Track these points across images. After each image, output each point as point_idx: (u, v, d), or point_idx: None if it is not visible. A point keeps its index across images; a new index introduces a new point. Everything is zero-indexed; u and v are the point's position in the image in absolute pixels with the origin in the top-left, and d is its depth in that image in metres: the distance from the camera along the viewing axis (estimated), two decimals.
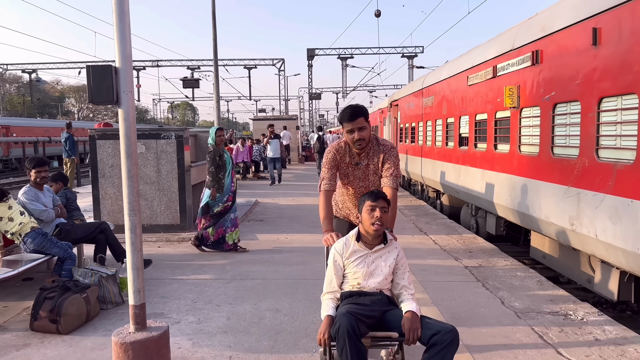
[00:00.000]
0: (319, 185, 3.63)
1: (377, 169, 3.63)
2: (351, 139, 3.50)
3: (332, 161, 3.63)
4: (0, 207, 4.64)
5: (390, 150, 3.61)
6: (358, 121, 3.44)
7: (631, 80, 4.59)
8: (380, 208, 2.96)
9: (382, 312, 2.91)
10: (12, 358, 3.66)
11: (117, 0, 3.10)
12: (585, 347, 3.84)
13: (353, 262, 3.04)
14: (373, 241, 3.06)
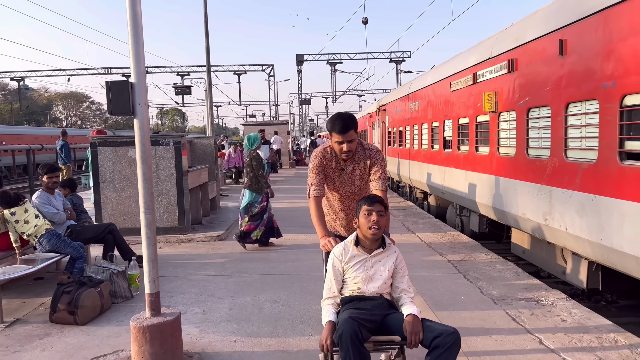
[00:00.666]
0: (307, 191, 3.62)
1: (363, 173, 3.65)
2: (339, 149, 3.52)
3: (318, 166, 3.62)
4: (17, 210, 5.02)
5: (376, 154, 3.66)
6: (349, 134, 3.45)
7: (593, 87, 5.08)
8: (377, 212, 2.99)
9: (382, 316, 2.93)
10: (37, 346, 4.04)
11: (132, 25, 3.51)
12: (552, 327, 4.30)
13: (352, 267, 3.05)
14: (371, 245, 3.07)
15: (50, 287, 5.62)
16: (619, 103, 4.66)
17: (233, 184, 18.46)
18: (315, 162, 3.63)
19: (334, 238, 3.27)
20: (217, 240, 8.22)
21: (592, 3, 5.10)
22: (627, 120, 4.64)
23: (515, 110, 6.88)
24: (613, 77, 4.75)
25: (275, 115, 44.64)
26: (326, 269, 3.19)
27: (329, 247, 3.21)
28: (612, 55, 4.76)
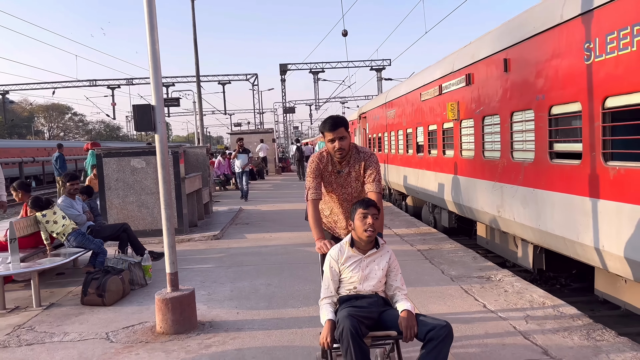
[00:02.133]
0: (305, 195, 3.76)
1: (358, 175, 3.79)
2: (332, 147, 3.66)
3: (315, 170, 3.75)
4: (48, 212, 5.89)
5: (370, 157, 3.80)
6: (339, 131, 3.61)
7: (529, 99, 6.12)
8: (371, 215, 3.13)
9: (379, 312, 3.09)
10: (75, 321, 4.92)
11: (152, 60, 4.44)
12: (495, 295, 5.30)
13: (348, 267, 3.19)
14: (366, 246, 3.21)
15: (72, 280, 6.51)
16: (548, 112, 5.70)
17: (222, 191, 19.29)
18: (312, 167, 3.79)
19: (329, 241, 3.41)
20: (214, 239, 9.11)
21: (526, 29, 6.15)
22: (554, 126, 5.68)
23: (473, 118, 7.92)
24: (543, 91, 5.79)
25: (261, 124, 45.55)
26: (322, 270, 3.35)
27: (324, 250, 3.34)
28: (542, 73, 5.80)
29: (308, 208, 3.68)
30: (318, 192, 3.71)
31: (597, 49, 4.76)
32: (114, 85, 45.12)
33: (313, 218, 3.61)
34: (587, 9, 4.88)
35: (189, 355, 4.00)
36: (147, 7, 4.42)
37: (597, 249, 4.92)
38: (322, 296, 3.23)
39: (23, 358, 4.07)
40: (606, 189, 4.72)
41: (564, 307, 4.90)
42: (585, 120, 4.99)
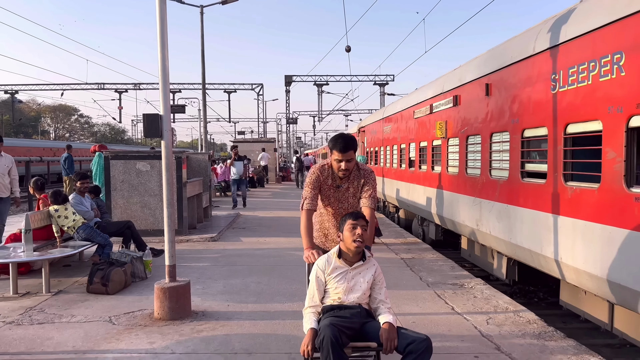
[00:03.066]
0: (301, 204, 3.80)
1: (356, 191, 3.86)
2: (337, 167, 3.72)
3: (315, 182, 3.80)
4: (60, 208, 6.43)
5: (369, 174, 3.89)
6: (348, 154, 3.69)
7: (506, 122, 6.66)
8: (361, 226, 3.22)
9: (361, 324, 3.14)
10: (81, 306, 5.43)
11: (162, 75, 5.00)
12: (465, 300, 5.79)
13: (334, 278, 3.24)
14: (353, 258, 3.27)
15: (77, 271, 7.03)
16: (521, 134, 6.23)
17: (222, 197, 19.81)
18: (312, 178, 3.83)
19: (317, 251, 3.47)
20: (211, 241, 9.62)
21: (505, 58, 6.71)
22: (526, 148, 6.21)
23: (459, 137, 8.46)
24: (517, 115, 6.33)
25: (264, 133, 46.19)
26: (309, 279, 3.40)
27: (311, 259, 3.41)
28: (517, 99, 6.35)
29: (301, 217, 3.71)
30: (314, 203, 3.76)
31: (561, 80, 5.30)
32: (121, 89, 45.81)
33: (305, 227, 3.65)
34: (554, 43, 5.44)
35: (182, 338, 4.50)
36: (160, 26, 4.99)
37: (556, 261, 5.42)
38: (307, 305, 3.28)
39: (35, 334, 4.58)
40: (565, 207, 5.24)
41: (524, 312, 5.39)
42: (550, 143, 5.52)
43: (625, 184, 4.30)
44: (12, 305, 5.45)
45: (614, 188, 4.44)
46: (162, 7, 4.94)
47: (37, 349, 4.25)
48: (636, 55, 4.17)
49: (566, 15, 5.37)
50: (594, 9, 4.86)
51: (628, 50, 4.27)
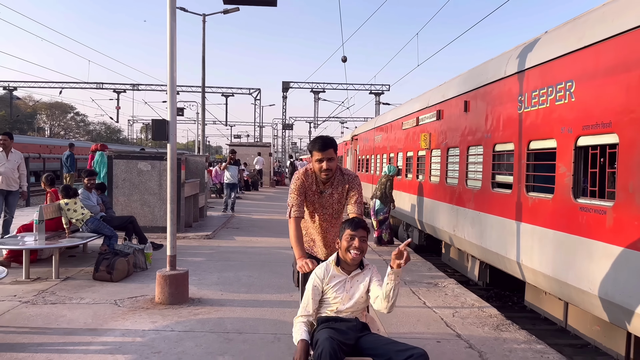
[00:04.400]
0: (288, 212, 3.70)
1: (341, 197, 3.79)
2: (319, 167, 3.65)
3: (300, 188, 3.72)
4: (70, 202, 7.01)
5: (354, 179, 3.81)
6: (328, 152, 3.60)
7: (480, 137, 7.30)
8: (359, 237, 3.11)
9: (356, 338, 3.05)
10: (88, 291, 6.00)
11: (170, 85, 5.60)
12: (436, 296, 6.40)
13: (333, 287, 3.16)
14: (351, 267, 3.19)
15: (82, 262, 7.58)
16: (492, 149, 6.87)
17: (217, 198, 20.35)
18: (297, 184, 3.73)
19: (311, 260, 3.37)
20: (206, 239, 10.20)
21: (482, 78, 7.36)
22: (496, 161, 6.85)
23: (440, 148, 9.10)
24: (490, 131, 6.98)
25: (260, 137, 46.76)
26: (302, 288, 3.33)
27: (306, 269, 3.31)
28: (489, 116, 6.99)
29: (290, 225, 3.63)
30: (301, 210, 3.69)
31: (526, 102, 5.95)
32: (120, 89, 46.22)
33: (295, 236, 3.57)
34: (520, 69, 6.09)
35: (181, 319, 5.08)
36: (170, 43, 5.59)
37: (518, 263, 6.05)
38: (299, 314, 3.18)
39: (50, 312, 5.15)
40: (526, 214, 5.87)
41: (487, 308, 6.00)
42: (516, 157, 6.16)
43: (573, 195, 4.93)
44: (26, 288, 6.00)
45: (564, 198, 5.08)
46: (172, 26, 5.55)
47: (53, 324, 4.82)
48: (584, 84, 4.82)
49: (532, 44, 6.03)
50: (553, 41, 5.51)
51: (578, 79, 4.93)
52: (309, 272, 3.27)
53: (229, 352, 4.29)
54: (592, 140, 4.73)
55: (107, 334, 4.60)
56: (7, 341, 4.34)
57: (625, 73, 4.25)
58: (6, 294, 5.72)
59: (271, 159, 31.80)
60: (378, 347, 2.98)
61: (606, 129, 4.47)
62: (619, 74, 4.32)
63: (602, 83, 4.56)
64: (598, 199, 4.66)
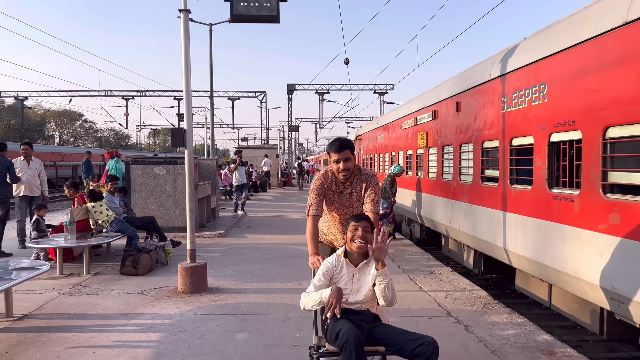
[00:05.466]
0: (307, 210, 3.87)
1: (360, 196, 3.89)
2: (337, 168, 3.76)
3: (319, 188, 3.84)
4: (96, 204, 7.70)
5: (371, 178, 3.91)
6: (344, 152, 3.73)
7: (471, 135, 7.90)
8: (362, 227, 3.26)
9: (369, 329, 3.19)
10: (116, 284, 6.67)
11: (186, 98, 6.26)
12: (431, 282, 7.02)
13: (342, 277, 3.32)
14: (357, 259, 3.32)
15: (107, 259, 8.28)
16: (481, 146, 7.47)
17: (227, 200, 21.05)
18: (317, 184, 3.87)
19: (323, 256, 3.54)
20: (219, 237, 10.87)
21: (471, 80, 7.96)
22: (485, 157, 7.45)
23: (437, 146, 9.70)
24: (479, 129, 7.57)
25: (267, 139, 47.47)
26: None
27: (317, 265, 3.47)
28: (478, 116, 7.59)
29: (307, 223, 3.78)
30: (319, 209, 3.82)
31: (508, 102, 6.55)
32: (128, 96, 47.04)
33: (311, 234, 3.71)
34: (503, 72, 6.69)
35: (202, 305, 5.74)
36: (184, 55, 6.25)
37: (505, 249, 6.65)
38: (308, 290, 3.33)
39: (86, 301, 5.83)
40: (511, 205, 6.47)
41: (478, 291, 6.61)
42: (501, 153, 6.76)
43: (548, 185, 5.53)
44: (62, 282, 6.70)
45: (540, 189, 5.68)
46: (187, 44, 6.21)
47: (91, 311, 5.50)
48: (554, 86, 5.42)
49: (512, 49, 6.62)
50: (529, 47, 6.11)
51: (549, 82, 5.52)
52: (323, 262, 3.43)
53: (246, 329, 4.94)
54: (562, 136, 5.33)
55: (138, 318, 5.27)
56: (54, 324, 5.02)
57: (585, 77, 4.85)
58: (45, 288, 6.42)
59: (278, 160, 32.47)
60: (390, 337, 3.13)
61: (572, 126, 5.07)
62: (581, 78, 4.92)
63: (568, 86, 5.15)
64: (568, 189, 5.26)
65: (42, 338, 4.64)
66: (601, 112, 4.60)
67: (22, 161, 8.86)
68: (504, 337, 4.83)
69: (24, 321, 5.12)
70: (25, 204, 9.00)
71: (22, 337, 4.67)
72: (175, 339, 4.65)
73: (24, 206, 9.02)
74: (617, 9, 4.41)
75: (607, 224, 4.50)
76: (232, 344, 4.56)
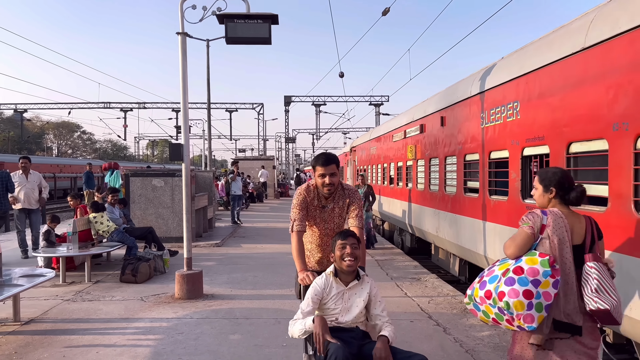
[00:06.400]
0: (290, 226, 3.78)
1: (342, 212, 3.88)
2: (321, 182, 3.72)
3: (302, 203, 3.79)
4: (97, 215, 8.07)
5: (354, 194, 3.92)
6: (330, 167, 3.70)
7: (454, 148, 8.31)
8: (350, 245, 3.20)
9: (359, 346, 3.13)
10: (117, 290, 7.02)
11: (184, 114, 6.66)
12: (417, 288, 7.38)
13: (332, 297, 3.23)
14: (347, 277, 3.25)
15: (107, 268, 8.62)
16: (463, 158, 7.87)
17: (224, 210, 21.40)
18: (299, 199, 3.80)
19: (312, 272, 3.45)
20: (216, 247, 11.23)
21: (454, 97, 8.38)
22: (467, 169, 7.85)
23: (424, 159, 10.11)
24: (461, 143, 7.98)
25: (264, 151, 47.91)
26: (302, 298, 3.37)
27: (307, 281, 3.37)
28: (460, 130, 8.00)
29: (292, 239, 3.73)
30: (303, 224, 3.76)
31: (486, 118, 6.97)
32: (126, 108, 47.43)
33: (297, 250, 3.66)
34: (482, 90, 7.12)
35: (197, 309, 6.09)
36: (182, 75, 6.66)
37: (485, 257, 7.02)
38: (296, 317, 3.25)
39: (88, 307, 6.18)
40: (490, 215, 6.86)
41: (460, 296, 6.97)
42: (480, 166, 7.17)
43: (521, 196, 5.92)
44: (65, 290, 7.05)
45: (515, 200, 6.07)
46: (184, 65, 6.62)
47: (93, 315, 5.84)
48: (525, 104, 5.83)
49: (490, 69, 7.06)
50: (504, 67, 6.54)
51: (521, 100, 5.94)
52: (310, 284, 3.34)
53: (238, 331, 5.29)
54: (533, 150, 5.73)
55: (138, 321, 5.62)
56: (59, 328, 5.37)
57: (551, 96, 5.26)
58: (49, 294, 6.76)
59: (275, 171, 32.88)
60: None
61: (541, 141, 5.47)
62: (548, 97, 5.33)
63: (537, 104, 5.57)
64: None
65: (48, 340, 4.99)
66: (565, 129, 5.00)
67: (20, 174, 9.23)
68: (479, 338, 5.19)
69: (30, 325, 5.47)
70: (23, 216, 9.35)
71: (29, 339, 5.02)
72: (173, 340, 5.00)
73: (23, 218, 9.36)
74: (577, 36, 4.84)
75: None
76: (225, 344, 4.91)
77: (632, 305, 4.05)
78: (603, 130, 4.38)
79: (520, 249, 3.02)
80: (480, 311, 3.08)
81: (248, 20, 6.64)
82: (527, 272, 2.87)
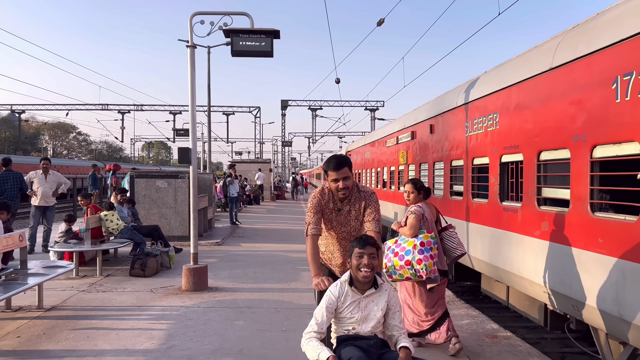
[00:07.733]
0: (305, 230, 3.73)
1: (358, 214, 3.78)
2: (335, 187, 3.64)
3: (317, 206, 3.72)
4: (108, 214, 8.62)
5: (370, 196, 3.79)
6: (343, 171, 3.61)
7: (442, 154, 8.92)
8: (368, 255, 3.02)
9: (378, 355, 3.04)
10: (127, 283, 7.57)
11: (192, 122, 7.23)
12: None
13: (347, 307, 3.11)
14: (364, 286, 3.11)
15: (116, 263, 9.17)
16: (450, 164, 8.48)
17: (222, 212, 21.94)
18: (313, 202, 3.76)
19: (327, 277, 3.35)
20: (216, 245, 11.78)
21: (442, 106, 9.00)
22: (453, 174, 8.46)
23: (415, 164, 10.72)
24: (447, 149, 8.59)
25: (260, 154, 48.46)
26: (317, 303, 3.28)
27: (321, 287, 3.28)
28: (447, 137, 8.61)
29: (307, 243, 3.66)
30: (318, 227, 3.69)
31: (470, 127, 7.58)
32: (124, 110, 47.81)
33: (312, 254, 3.58)
34: (466, 101, 7.73)
35: (203, 300, 6.65)
36: (190, 84, 7.24)
37: (469, 255, 7.62)
38: (310, 329, 3.10)
39: (103, 297, 6.73)
40: (472, 216, 7.46)
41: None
42: (465, 171, 7.77)
43: (499, 199, 6.53)
44: (79, 282, 7.59)
45: (494, 202, 6.68)
46: (192, 75, 7.20)
47: (108, 304, 6.40)
48: (504, 115, 6.45)
49: (475, 81, 7.67)
50: (486, 81, 7.16)
51: (500, 112, 6.56)
52: (325, 289, 3.24)
53: (242, 318, 5.86)
54: (510, 158, 6.35)
55: (150, 309, 6.18)
56: (79, 314, 5.93)
57: (524, 109, 5.88)
58: (65, 286, 7.31)
59: (271, 174, 33.45)
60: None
61: (516, 150, 6.09)
62: (522, 110, 5.95)
63: (513, 116, 6.19)
64: (514, 202, 6.26)
65: (72, 323, 5.54)
66: (536, 138, 5.62)
67: (40, 174, 9.79)
68: (459, 326, 5.77)
69: (52, 311, 6.02)
70: (39, 213, 9.90)
71: (54, 322, 5.58)
72: (183, 325, 5.57)
73: (38, 215, 9.91)
74: (546, 56, 5.46)
75: (540, 230, 5.50)
76: (231, 328, 5.48)
77: (588, 294, 4.65)
78: (566, 141, 4.99)
79: (415, 230, 4.91)
80: (397, 274, 4.81)
81: (252, 35, 7.23)
82: (426, 244, 4.77)
